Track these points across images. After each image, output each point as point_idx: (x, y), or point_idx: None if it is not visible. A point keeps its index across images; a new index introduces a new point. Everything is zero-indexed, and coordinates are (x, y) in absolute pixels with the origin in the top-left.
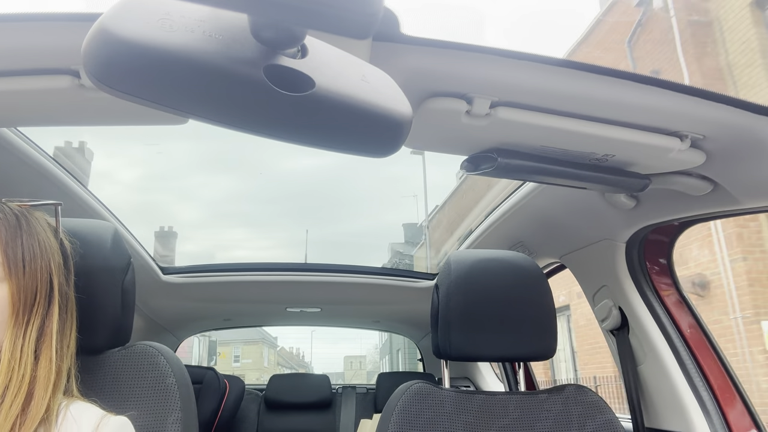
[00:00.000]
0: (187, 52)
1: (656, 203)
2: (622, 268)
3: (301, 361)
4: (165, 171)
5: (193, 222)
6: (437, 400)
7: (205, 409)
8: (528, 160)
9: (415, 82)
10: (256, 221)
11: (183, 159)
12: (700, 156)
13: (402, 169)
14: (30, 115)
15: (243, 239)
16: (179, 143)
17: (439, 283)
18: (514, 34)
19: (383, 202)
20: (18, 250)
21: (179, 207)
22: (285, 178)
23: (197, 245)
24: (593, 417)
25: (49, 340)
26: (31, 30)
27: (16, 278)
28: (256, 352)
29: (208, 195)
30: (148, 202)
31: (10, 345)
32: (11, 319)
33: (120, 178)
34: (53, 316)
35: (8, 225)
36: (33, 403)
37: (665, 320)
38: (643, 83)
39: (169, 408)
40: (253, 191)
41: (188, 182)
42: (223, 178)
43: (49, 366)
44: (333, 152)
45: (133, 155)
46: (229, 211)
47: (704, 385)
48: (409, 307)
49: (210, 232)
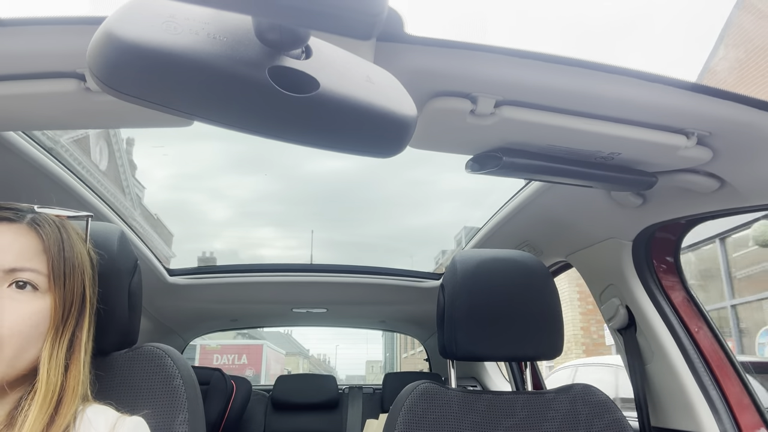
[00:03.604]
0: (191, 54)
1: (663, 201)
2: (628, 266)
3: (327, 366)
4: (197, 171)
5: (221, 221)
6: (444, 400)
7: (213, 409)
8: (533, 159)
9: (420, 82)
10: (282, 221)
11: (214, 160)
12: (706, 153)
13: (429, 171)
14: (36, 118)
15: (270, 238)
16: (210, 144)
17: (444, 283)
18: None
19: (408, 205)
20: (61, 263)
21: (209, 206)
22: (312, 180)
23: (224, 243)
24: (601, 416)
25: (78, 350)
26: (36, 33)
27: (59, 291)
28: (294, 362)
29: (237, 195)
30: (180, 200)
31: (48, 356)
32: (51, 330)
33: (155, 176)
34: (84, 327)
35: (54, 238)
36: (61, 411)
37: (673, 319)
38: (648, 81)
39: (177, 409)
40: (281, 192)
41: (218, 182)
42: (251, 179)
43: (78, 376)
44: (338, 153)
45: (167, 155)
46: (256, 211)
47: (713, 384)
48: (415, 307)
49: (238, 230)
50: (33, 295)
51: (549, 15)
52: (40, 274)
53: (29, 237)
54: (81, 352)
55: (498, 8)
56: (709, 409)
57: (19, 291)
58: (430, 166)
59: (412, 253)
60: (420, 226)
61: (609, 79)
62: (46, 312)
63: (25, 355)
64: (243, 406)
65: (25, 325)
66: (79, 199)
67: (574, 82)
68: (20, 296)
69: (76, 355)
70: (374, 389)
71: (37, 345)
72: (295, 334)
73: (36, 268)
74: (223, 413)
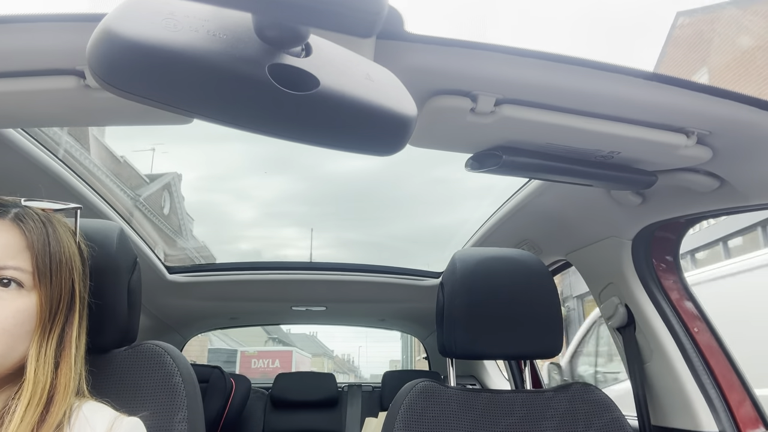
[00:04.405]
0: (191, 51)
1: (663, 200)
2: (628, 265)
3: (351, 366)
4: (223, 172)
5: (247, 221)
6: (443, 399)
7: (212, 407)
8: (533, 157)
9: (420, 80)
10: (306, 221)
11: (239, 161)
12: (706, 152)
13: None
14: (35, 115)
15: (293, 238)
16: (235, 145)
17: (444, 282)
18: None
19: (432, 204)
20: (47, 259)
21: (235, 207)
22: (333, 180)
23: (249, 244)
24: (600, 415)
25: (69, 347)
26: (35, 31)
27: (45, 287)
28: (319, 363)
29: (261, 195)
30: (207, 201)
31: (36, 354)
32: (38, 328)
33: (185, 178)
34: (73, 323)
35: (38, 233)
36: (52, 410)
37: (672, 318)
38: (648, 79)
39: (176, 407)
40: (304, 192)
41: (243, 183)
42: (275, 180)
43: (69, 373)
44: (338, 151)
45: (194, 157)
46: (280, 212)
47: (712, 383)
48: (415, 306)
49: (262, 231)
50: (18, 293)
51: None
52: (25, 271)
53: (12, 233)
54: (72, 348)
55: (498, 7)
56: (707, 407)
57: (4, 289)
58: (456, 163)
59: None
60: (445, 224)
61: (609, 77)
62: (33, 309)
63: (12, 354)
64: (242, 403)
65: (9, 324)
66: (79, 197)
67: (575, 80)
68: (4, 294)
69: (67, 351)
70: (373, 387)
71: (24, 343)
72: (321, 336)
73: (20, 266)
74: (223, 411)
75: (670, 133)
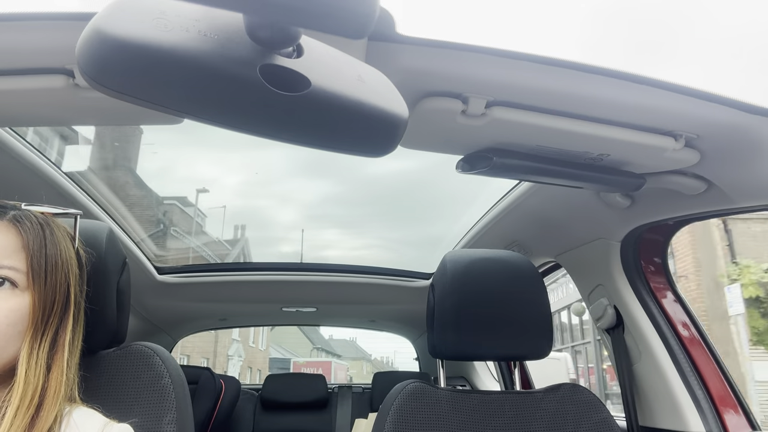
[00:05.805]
0: (182, 51)
1: (651, 202)
2: (617, 267)
3: (389, 367)
4: (265, 177)
5: (289, 224)
6: (433, 400)
7: (201, 409)
8: (523, 159)
9: (411, 81)
10: (347, 223)
11: (281, 165)
12: (694, 155)
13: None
14: (24, 114)
15: (335, 240)
16: (277, 150)
17: (434, 283)
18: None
19: (472, 202)
20: (42, 260)
21: (277, 210)
22: (374, 182)
23: (292, 246)
24: (588, 416)
25: (61, 350)
26: (24, 29)
27: (39, 289)
28: (358, 366)
29: (302, 198)
30: (250, 206)
31: (27, 356)
32: (30, 329)
33: (225, 182)
34: (67, 326)
35: (35, 235)
36: (42, 414)
37: (660, 319)
38: (637, 83)
39: (165, 408)
40: (345, 194)
41: (285, 187)
42: (316, 183)
43: (60, 377)
44: (328, 152)
45: (234, 162)
46: (321, 214)
47: (699, 384)
48: (405, 307)
49: (304, 233)
50: (11, 293)
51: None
52: (19, 271)
53: (9, 234)
54: (64, 352)
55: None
56: (695, 408)
57: None
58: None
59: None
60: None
61: (599, 80)
62: (25, 310)
63: (2, 354)
64: (232, 405)
65: (1, 323)
66: (68, 196)
67: (565, 83)
68: None
69: (59, 355)
70: (363, 388)
71: (16, 344)
72: (359, 341)
73: (14, 266)
74: (212, 413)
75: (659, 136)
